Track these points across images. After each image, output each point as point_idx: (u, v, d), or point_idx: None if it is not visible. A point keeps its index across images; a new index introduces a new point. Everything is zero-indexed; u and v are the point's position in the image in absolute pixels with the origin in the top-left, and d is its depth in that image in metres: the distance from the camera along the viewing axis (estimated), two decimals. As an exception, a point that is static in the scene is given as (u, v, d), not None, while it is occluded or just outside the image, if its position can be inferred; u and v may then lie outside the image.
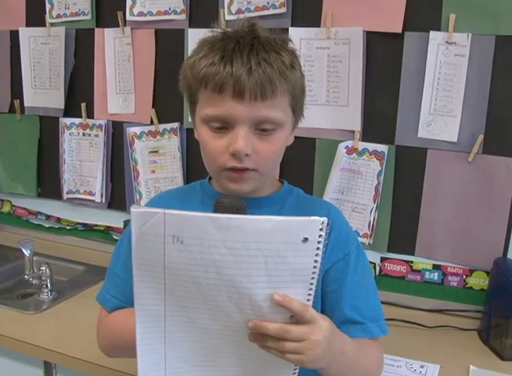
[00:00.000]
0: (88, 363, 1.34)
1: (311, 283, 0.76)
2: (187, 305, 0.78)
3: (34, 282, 1.77)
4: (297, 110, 0.96)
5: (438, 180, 1.62)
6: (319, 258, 0.74)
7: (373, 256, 1.73)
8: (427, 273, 1.68)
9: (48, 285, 1.72)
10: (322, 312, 0.99)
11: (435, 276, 1.67)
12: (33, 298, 1.75)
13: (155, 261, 0.74)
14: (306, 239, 0.73)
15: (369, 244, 1.71)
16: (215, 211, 0.87)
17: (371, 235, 1.71)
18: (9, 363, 1.52)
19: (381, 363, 1.01)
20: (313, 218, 0.73)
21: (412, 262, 1.69)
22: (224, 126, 0.90)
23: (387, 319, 1.54)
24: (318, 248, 0.74)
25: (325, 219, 0.73)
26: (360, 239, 1.71)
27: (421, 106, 1.59)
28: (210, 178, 1.05)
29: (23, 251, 1.78)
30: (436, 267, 1.67)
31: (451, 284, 1.66)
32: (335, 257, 0.99)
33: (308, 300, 0.78)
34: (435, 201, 1.64)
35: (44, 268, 1.73)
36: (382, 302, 1.64)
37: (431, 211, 1.65)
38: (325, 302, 1.00)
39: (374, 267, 1.72)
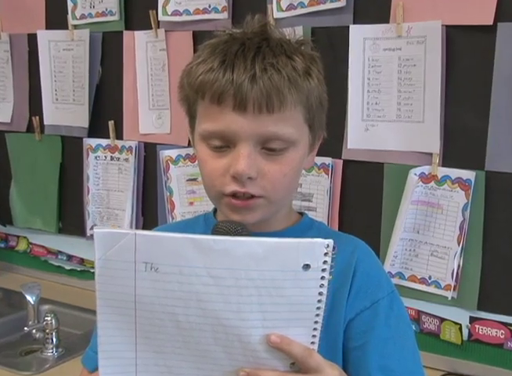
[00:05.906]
0: None
1: (316, 322, 0.77)
2: (164, 350, 0.79)
3: (37, 336, 1.77)
4: (314, 125, 0.97)
5: (543, 216, 1.56)
6: (324, 290, 0.74)
7: (460, 315, 1.65)
8: (533, 341, 1.59)
9: (54, 340, 1.73)
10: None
11: (544, 344, 1.57)
12: (35, 355, 1.76)
13: (123, 295, 0.75)
14: (307, 266, 0.73)
15: (452, 298, 1.64)
16: None
17: (456, 287, 1.64)
18: None
19: None
20: (315, 239, 0.73)
21: (512, 324, 1.61)
22: (225, 144, 0.91)
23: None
24: (323, 277, 0.74)
25: (330, 242, 0.73)
26: (441, 292, 1.66)
27: (520, 119, 1.55)
28: (215, 210, 1.08)
29: (27, 297, 1.78)
30: (546, 333, 1.58)
31: None
32: (361, 305, 0.98)
33: (313, 343, 0.78)
34: (541, 244, 1.56)
35: (49, 318, 1.73)
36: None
37: (536, 258, 1.57)
38: (347, 362, 0.98)
39: (460, 329, 1.62)
